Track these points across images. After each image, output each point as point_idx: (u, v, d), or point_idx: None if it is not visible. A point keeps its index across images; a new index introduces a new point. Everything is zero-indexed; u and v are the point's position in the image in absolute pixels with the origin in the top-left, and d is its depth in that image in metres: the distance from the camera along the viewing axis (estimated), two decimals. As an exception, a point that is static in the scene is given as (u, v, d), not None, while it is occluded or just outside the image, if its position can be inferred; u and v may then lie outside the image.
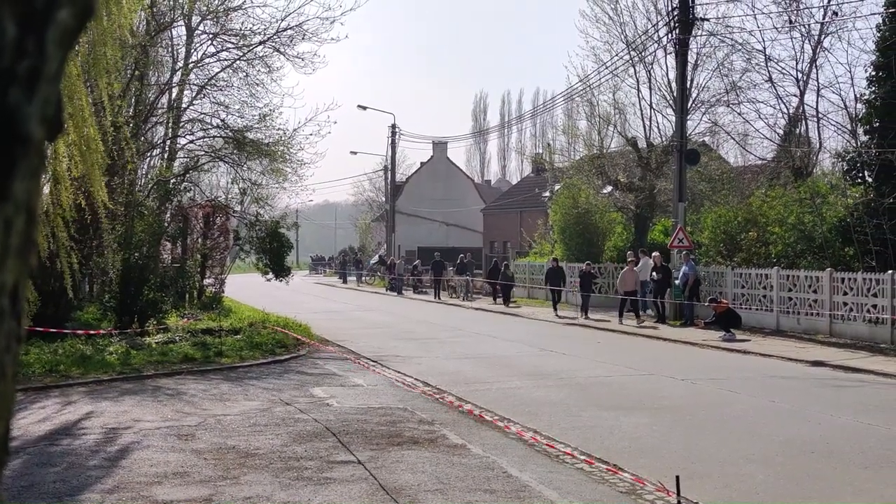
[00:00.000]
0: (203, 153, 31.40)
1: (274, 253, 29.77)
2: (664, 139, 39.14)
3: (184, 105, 31.29)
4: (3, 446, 0.74)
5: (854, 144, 30.04)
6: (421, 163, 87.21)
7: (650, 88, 39.52)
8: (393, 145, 69.20)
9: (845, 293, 25.35)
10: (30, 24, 0.67)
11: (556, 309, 36.64)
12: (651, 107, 39.94)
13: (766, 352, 23.14)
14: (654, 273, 32.15)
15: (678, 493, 5.34)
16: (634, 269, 32.97)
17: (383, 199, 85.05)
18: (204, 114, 30.89)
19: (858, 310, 24.93)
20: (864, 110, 28.50)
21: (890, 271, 24.17)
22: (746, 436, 12.94)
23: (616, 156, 43.35)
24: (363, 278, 71.82)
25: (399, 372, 19.80)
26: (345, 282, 74.82)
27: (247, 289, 42.81)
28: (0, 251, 0.65)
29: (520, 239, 53.31)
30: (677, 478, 5.34)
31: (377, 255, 74.34)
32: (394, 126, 68.39)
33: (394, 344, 25.75)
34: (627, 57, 38.75)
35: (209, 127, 30.68)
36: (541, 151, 75.02)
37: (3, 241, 0.64)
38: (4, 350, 0.65)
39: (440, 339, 27.36)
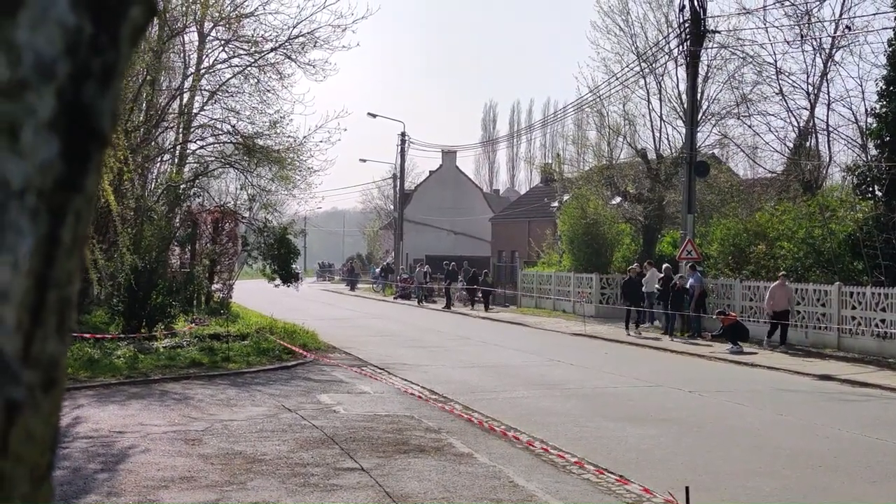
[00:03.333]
0: (213, 159, 31.45)
1: (281, 259, 29.79)
2: (674, 151, 39.17)
3: (195, 110, 31.37)
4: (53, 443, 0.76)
5: (864, 158, 30.01)
6: (430, 171, 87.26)
7: (660, 100, 39.61)
8: (402, 153, 69.24)
9: (854, 307, 25.30)
10: (104, 21, 0.69)
11: (628, 328, 32.60)
12: (661, 118, 40.03)
13: (773, 365, 23.09)
14: (659, 284, 32.13)
15: (687, 505, 5.33)
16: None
17: (392, 206, 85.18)
18: (214, 119, 30.97)
19: (867, 324, 24.86)
20: (874, 124, 28.43)
21: (899, 286, 24.13)
22: (753, 448, 12.91)
23: (625, 167, 43.38)
24: (375, 287, 71.83)
25: (406, 380, 19.79)
26: (352, 289, 74.85)
27: (254, 295, 42.86)
28: (70, 242, 0.67)
29: (528, 248, 53.28)
30: (686, 489, 5.33)
31: (386, 263, 74.34)
32: (403, 134, 68.45)
33: (401, 352, 25.75)
34: (638, 68, 38.81)
35: (219, 133, 30.75)
36: (550, 161, 74.95)
37: (73, 231, 0.65)
38: (60, 343, 0.66)
39: (448, 347, 27.35)
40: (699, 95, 35.63)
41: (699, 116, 35.69)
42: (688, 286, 30.73)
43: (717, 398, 17.77)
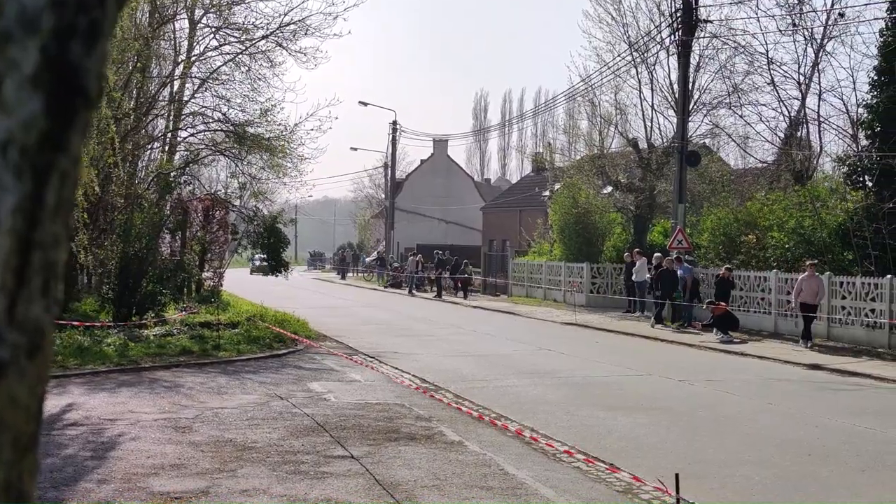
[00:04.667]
0: (203, 147, 31.35)
1: (271, 248, 29.75)
2: (665, 140, 39.17)
3: (185, 98, 31.26)
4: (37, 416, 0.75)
5: (855, 149, 30.06)
6: (421, 160, 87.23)
7: (652, 89, 39.59)
8: (393, 142, 69.20)
9: (843, 297, 25.36)
10: None
11: (660, 320, 30.83)
12: (652, 108, 40.02)
13: (763, 354, 23.16)
14: (650, 273, 32.22)
15: (677, 492, 5.33)
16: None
17: (383, 195, 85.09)
18: (205, 107, 30.87)
19: (856, 314, 24.94)
20: (865, 115, 28.48)
21: (889, 276, 24.18)
22: (743, 437, 12.95)
23: (616, 156, 43.40)
24: (362, 274, 71.81)
25: (397, 368, 19.80)
26: (343, 278, 74.83)
27: (245, 283, 42.83)
28: (55, 203, 0.66)
29: (519, 238, 53.29)
30: (676, 476, 5.34)
31: (375, 252, 74.31)
32: (395, 123, 68.39)
33: (392, 340, 25.75)
34: (630, 57, 38.79)
35: (210, 121, 30.65)
36: (541, 150, 74.96)
37: (58, 193, 0.64)
38: (45, 310, 0.65)
39: (438, 336, 27.36)
40: (691, 85, 35.63)
41: (691, 106, 35.70)
42: (679, 277, 30.78)
43: (707, 387, 17.82)
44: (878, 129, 27.28)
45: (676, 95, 35.12)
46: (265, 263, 30.04)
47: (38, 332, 0.68)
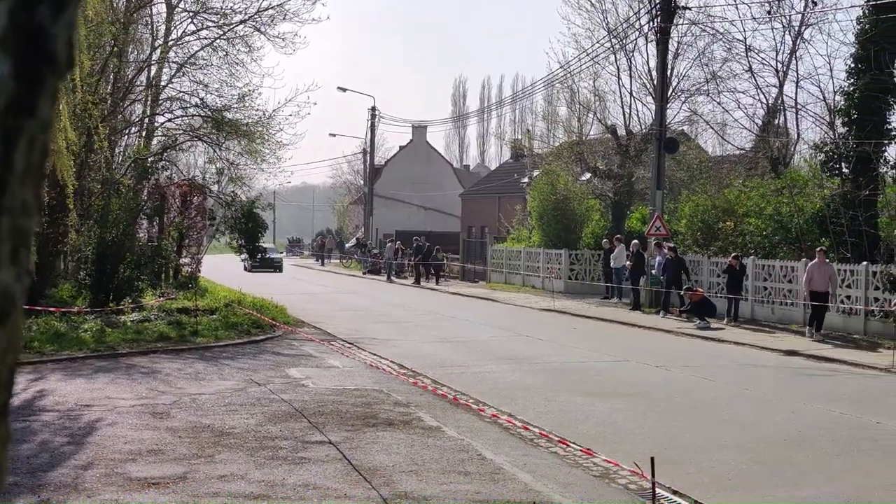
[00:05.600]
0: (181, 132, 31.20)
1: (249, 233, 29.70)
2: (643, 127, 39.26)
3: (162, 83, 31.09)
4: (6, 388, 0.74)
5: (832, 136, 30.18)
6: (400, 146, 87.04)
7: (630, 76, 39.67)
8: (372, 128, 69.08)
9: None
10: None
11: (667, 310, 29.86)
12: (631, 94, 40.10)
13: (740, 340, 23.28)
14: (628, 260, 32.33)
15: (653, 475, 5.36)
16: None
17: (361, 182, 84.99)
18: (183, 92, 30.71)
19: (832, 300, 25.07)
20: (842, 102, 28.60)
21: (864, 263, 24.34)
22: (720, 423, 13.03)
23: (595, 143, 43.48)
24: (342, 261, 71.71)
25: (375, 354, 19.81)
26: (322, 264, 74.72)
27: (223, 269, 42.71)
28: (23, 168, 0.65)
29: (498, 224, 53.32)
30: (652, 460, 5.37)
31: (355, 238, 74.19)
32: (373, 109, 68.25)
33: (370, 326, 25.75)
34: (608, 44, 38.81)
35: (188, 106, 30.50)
36: (520, 137, 75.00)
37: (27, 158, 0.64)
38: (14, 278, 0.65)
39: (417, 322, 27.38)
40: (669, 72, 35.68)
41: (669, 93, 35.76)
42: (657, 263, 30.90)
43: (684, 373, 17.90)
44: (855, 116, 27.41)
45: (655, 82, 35.18)
46: (268, 257, 29.93)
47: (8, 298, 0.67)
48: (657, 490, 9.18)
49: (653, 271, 31.31)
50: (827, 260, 24.17)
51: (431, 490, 9.01)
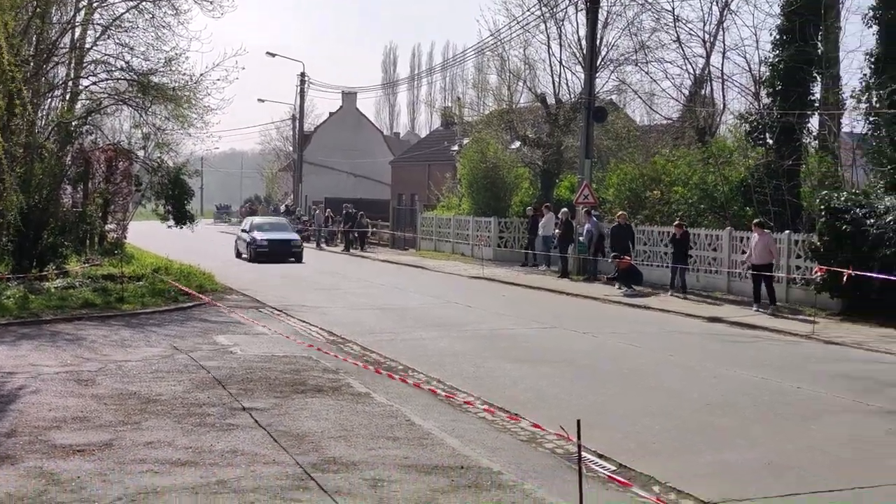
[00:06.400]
0: (106, 96, 30.54)
1: (176, 199, 29.31)
2: (573, 96, 39.46)
3: (87, 46, 30.39)
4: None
5: (757, 107, 30.57)
6: (330, 113, 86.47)
7: (560, 45, 39.78)
8: (302, 94, 68.45)
9: (743, 252, 25.90)
10: None
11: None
12: (561, 63, 40.24)
13: (666, 307, 23.60)
14: (557, 228, 32.54)
15: (578, 438, 5.45)
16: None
17: (291, 148, 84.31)
18: (108, 55, 30.01)
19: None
20: (767, 73, 28.97)
21: (787, 231, 24.77)
22: (646, 388, 13.23)
23: (525, 111, 43.62)
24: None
25: (304, 321, 19.77)
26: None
27: (149, 236, 42.10)
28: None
29: (428, 192, 53.30)
30: (578, 422, 5.45)
31: (283, 206, 73.65)
32: (303, 75, 67.61)
33: (300, 294, 25.66)
34: (539, 12, 38.86)
35: (113, 69, 29.84)
36: (450, 105, 74.93)
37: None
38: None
39: (347, 289, 27.33)
40: (598, 41, 35.84)
41: (598, 62, 35.92)
42: (585, 231, 31.14)
43: (611, 339, 18.13)
44: (780, 87, 27.78)
45: (584, 51, 35.30)
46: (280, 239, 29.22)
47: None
48: (583, 454, 9.33)
49: (580, 238, 31.54)
50: (766, 231, 23.84)
51: (360, 455, 9.04)
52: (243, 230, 42.76)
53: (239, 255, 41.82)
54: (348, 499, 7.62)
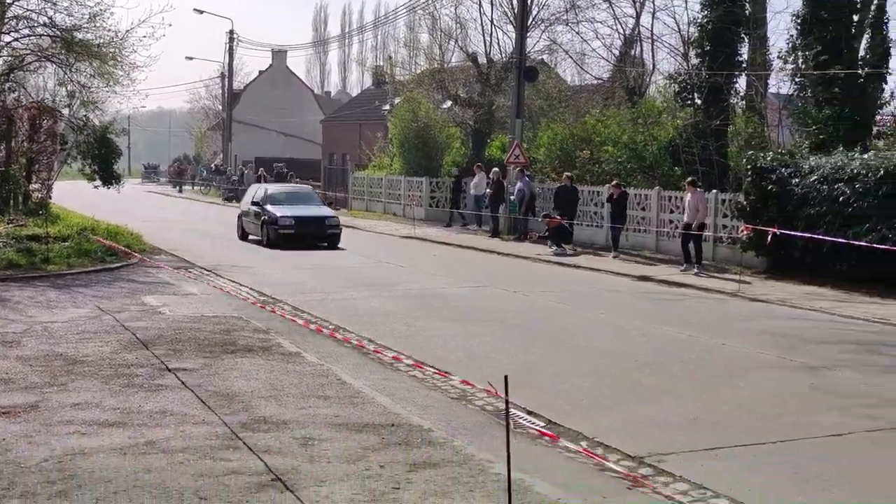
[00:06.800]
0: (29, 52, 29.83)
1: (102, 159, 28.82)
2: (504, 56, 39.45)
3: (8, 1, 29.62)
4: None
5: (685, 67, 30.86)
6: (259, 71, 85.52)
7: (492, 4, 39.69)
8: (230, 52, 67.57)
9: (672, 211, 26.22)
10: None
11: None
12: (492, 23, 40.18)
13: (595, 266, 23.82)
14: (488, 188, 32.63)
15: (506, 393, 5.50)
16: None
17: (220, 107, 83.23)
18: (30, 10, 29.26)
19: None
20: (696, 34, 29.21)
21: (714, 191, 25.09)
22: (576, 347, 13.39)
23: (457, 71, 43.52)
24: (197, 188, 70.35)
25: (234, 281, 19.63)
26: (180, 191, 73.18)
27: (76, 196, 41.38)
28: None
29: (359, 151, 53.01)
30: (505, 378, 5.51)
31: (213, 166, 72.79)
32: (231, 32, 66.76)
33: (229, 253, 25.47)
34: (470, -29, 38.65)
35: (35, 25, 29.10)
36: (382, 64, 74.39)
37: None
38: None
39: (278, 250, 27.12)
40: (529, 0, 35.81)
41: (529, 22, 35.89)
42: (516, 190, 31.26)
43: (541, 298, 18.27)
44: (708, 48, 28.02)
45: (515, 10, 35.27)
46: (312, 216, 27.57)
47: None
48: (513, 410, 9.43)
49: (511, 198, 31.66)
50: (698, 189, 23.63)
51: (290, 414, 9.03)
52: (254, 203, 30.34)
53: (245, 235, 31.19)
54: (278, 457, 7.62)
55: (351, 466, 7.48)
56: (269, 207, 28.99)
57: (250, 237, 30.39)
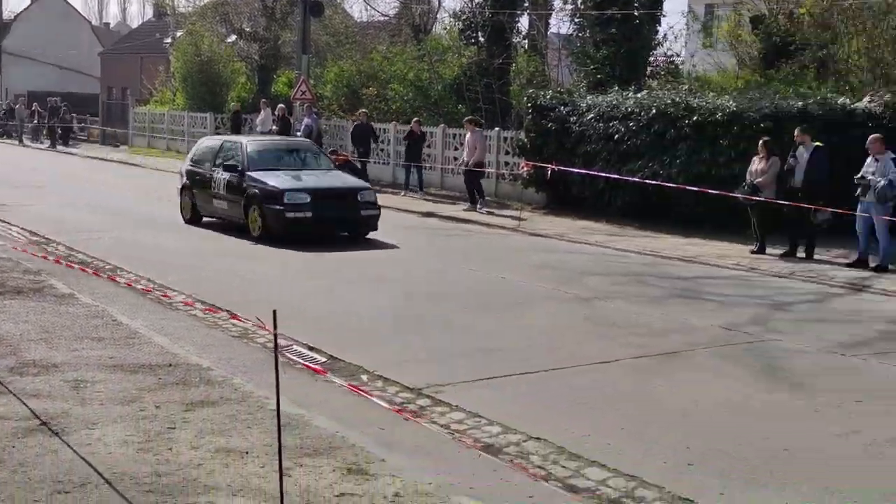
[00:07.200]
0: None
1: None
2: (291, -11, 38.78)
3: None
4: None
5: (470, 5, 31.14)
6: (32, 0, 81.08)
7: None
8: (-3, -22, 63.75)
9: (456, 148, 26.53)
10: None
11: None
12: (278, -45, 39.34)
13: (384, 203, 23.89)
14: (274, 125, 32.18)
15: (275, 327, 5.54)
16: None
17: (-12, 37, 78.56)
18: None
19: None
20: (479, -28, 29.51)
21: (496, 128, 25.57)
22: (358, 281, 13.47)
23: (241, 4, 42.59)
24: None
25: (3, 221, 18.70)
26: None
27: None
28: None
29: (140, 86, 51.19)
30: (274, 312, 5.55)
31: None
32: (-1, -43, 62.89)
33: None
34: None
35: None
36: (163, -5, 71.85)
37: None
38: None
39: (52, 187, 26.02)
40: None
41: (315, -45, 35.36)
42: (303, 126, 30.93)
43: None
44: (492, -14, 28.39)
45: (301, -57, 34.67)
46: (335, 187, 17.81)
47: None
48: (294, 346, 9.46)
49: (298, 134, 31.29)
50: (477, 128, 23.80)
51: (62, 357, 8.73)
52: (226, 167, 18.47)
53: (198, 216, 19.46)
54: (47, 401, 7.35)
55: (125, 408, 7.31)
56: (257, 175, 17.62)
57: (206, 219, 19.44)
